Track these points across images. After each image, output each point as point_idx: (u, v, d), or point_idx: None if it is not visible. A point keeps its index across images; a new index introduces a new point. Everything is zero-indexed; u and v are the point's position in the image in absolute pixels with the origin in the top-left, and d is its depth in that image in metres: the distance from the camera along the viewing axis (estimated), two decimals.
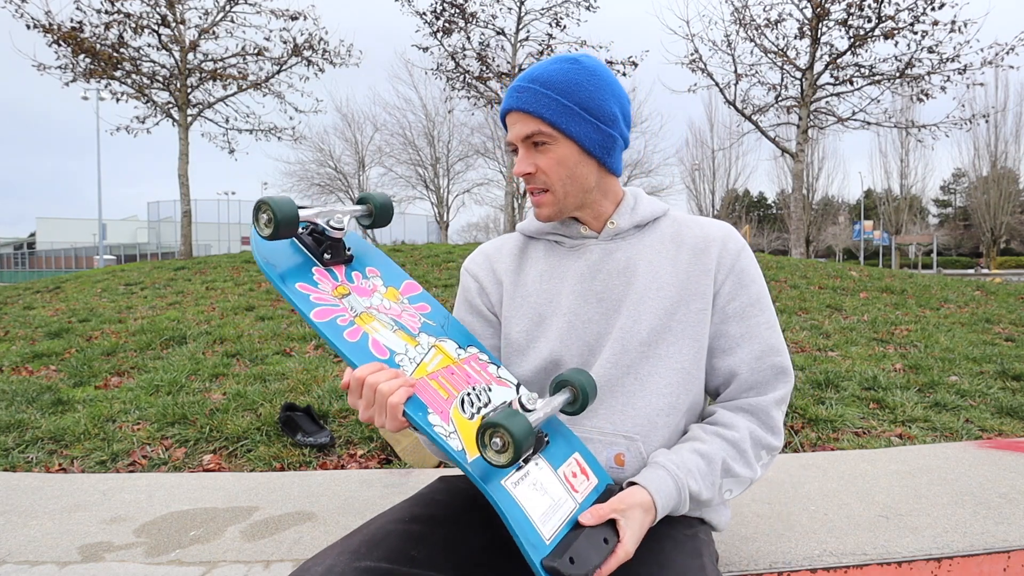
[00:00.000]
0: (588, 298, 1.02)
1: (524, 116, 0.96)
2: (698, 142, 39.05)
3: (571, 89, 0.95)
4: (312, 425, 2.34)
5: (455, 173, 25.59)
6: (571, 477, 0.85)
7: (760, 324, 1.00)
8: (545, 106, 0.94)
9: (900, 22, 10.94)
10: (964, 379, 3.07)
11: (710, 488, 0.91)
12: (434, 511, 0.93)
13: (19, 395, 2.86)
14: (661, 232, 1.06)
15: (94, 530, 1.45)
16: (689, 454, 0.91)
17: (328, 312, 0.82)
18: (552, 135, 0.95)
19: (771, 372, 0.99)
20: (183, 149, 10.83)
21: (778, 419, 0.99)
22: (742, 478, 0.94)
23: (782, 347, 1.01)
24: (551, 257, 1.08)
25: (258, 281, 6.44)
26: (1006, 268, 38.26)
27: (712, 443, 0.94)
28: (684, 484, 0.88)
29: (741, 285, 1.01)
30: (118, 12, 10.02)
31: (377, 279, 0.95)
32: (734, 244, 1.03)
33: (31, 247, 48.20)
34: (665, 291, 1.00)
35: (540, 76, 0.96)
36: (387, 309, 0.90)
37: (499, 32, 12.25)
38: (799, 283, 6.24)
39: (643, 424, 0.96)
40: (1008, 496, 1.53)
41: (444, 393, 0.82)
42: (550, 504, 0.80)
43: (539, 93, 0.95)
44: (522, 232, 1.13)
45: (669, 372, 0.98)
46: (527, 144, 0.97)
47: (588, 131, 0.97)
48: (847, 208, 47.24)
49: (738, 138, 19.84)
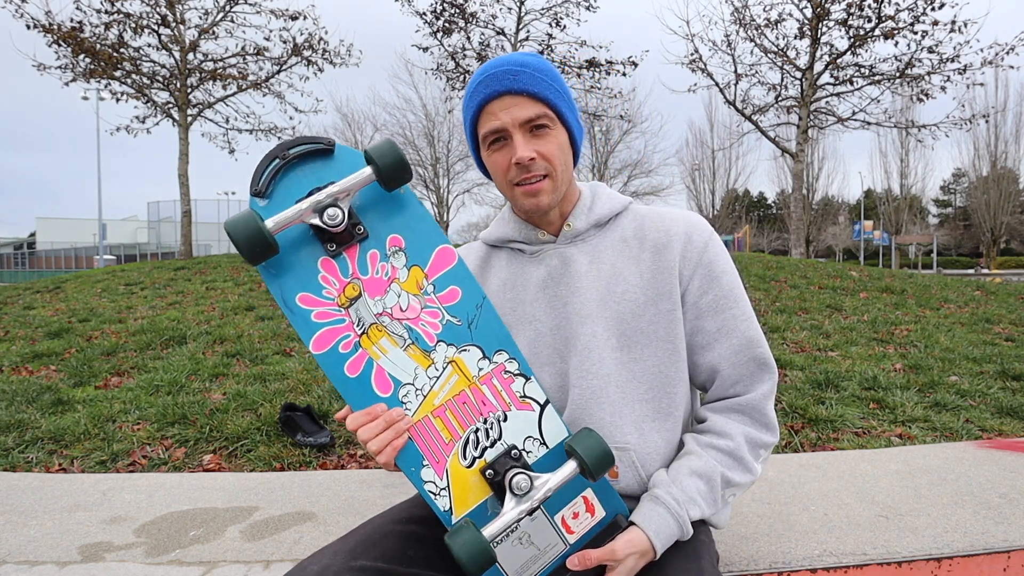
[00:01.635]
0: (554, 304, 0.99)
1: (524, 99, 0.91)
2: (698, 142, 39.05)
3: (558, 78, 0.95)
4: (312, 425, 2.34)
5: (455, 173, 25.59)
6: (570, 519, 0.82)
7: (736, 317, 0.97)
8: (547, 88, 0.92)
9: (900, 22, 10.93)
10: (964, 379, 3.07)
11: (712, 505, 0.91)
12: (431, 513, 0.93)
13: (19, 395, 2.86)
14: (623, 229, 1.02)
15: (94, 530, 1.45)
16: (688, 478, 0.90)
17: (331, 335, 0.73)
18: (553, 119, 0.93)
19: (753, 365, 0.97)
20: (183, 149, 10.82)
21: (770, 413, 0.97)
22: (742, 484, 0.94)
23: (760, 338, 0.98)
24: (512, 265, 1.05)
25: (258, 281, 6.44)
26: (1006, 268, 38.25)
27: (708, 458, 0.92)
28: (685, 519, 0.87)
29: (711, 278, 0.97)
30: (118, 12, 10.01)
31: (400, 255, 0.79)
32: (699, 236, 0.98)
33: (31, 247, 48.18)
34: (630, 294, 0.97)
35: (528, 62, 0.92)
36: (402, 312, 0.77)
37: (499, 32, 12.25)
38: (799, 283, 6.24)
39: (632, 433, 0.94)
40: (1008, 496, 1.53)
41: (447, 435, 0.77)
42: (533, 555, 0.78)
43: (536, 77, 0.91)
44: (485, 241, 1.10)
45: (647, 377, 0.96)
46: (524, 129, 0.92)
47: (575, 120, 0.96)
48: (847, 208, 47.22)
49: (738, 138, 19.85)
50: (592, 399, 0.95)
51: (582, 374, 0.95)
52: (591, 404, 0.95)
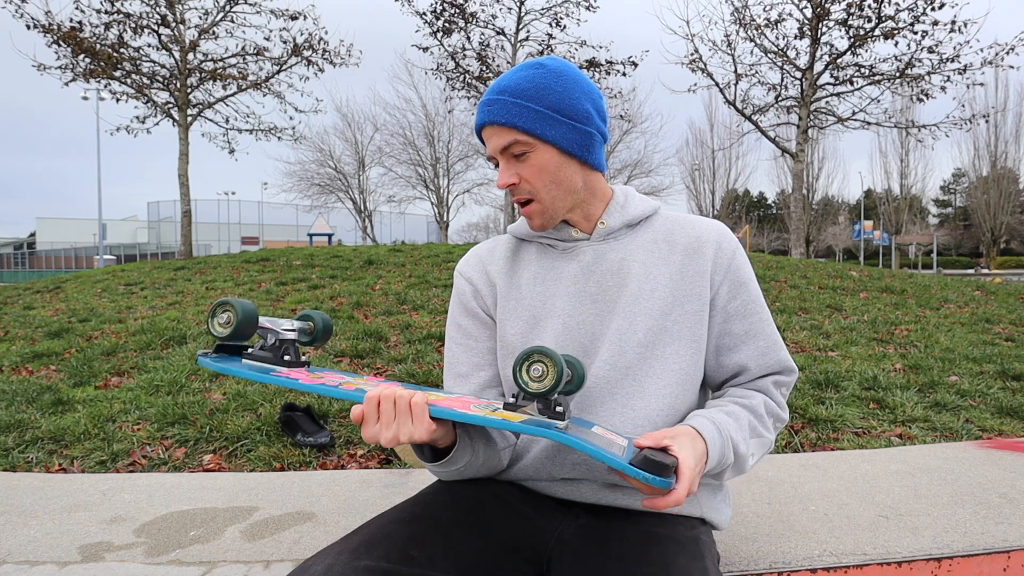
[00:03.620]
0: (583, 300, 1.02)
1: (498, 128, 0.96)
2: (698, 142, 39.11)
3: (540, 94, 0.95)
4: (312, 425, 2.34)
5: (455, 173, 25.60)
6: (606, 434, 0.85)
7: (762, 320, 1.04)
8: (517, 115, 0.94)
9: (900, 22, 10.94)
10: (964, 379, 3.07)
11: (744, 441, 0.93)
12: (435, 512, 0.93)
13: (19, 395, 2.86)
14: (654, 231, 1.06)
15: (94, 530, 1.45)
16: (717, 412, 0.94)
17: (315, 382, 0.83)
18: (529, 143, 0.95)
19: (778, 367, 1.04)
20: (183, 149, 10.82)
21: (783, 400, 1.04)
22: (764, 439, 0.98)
23: (781, 341, 1.06)
24: (544, 259, 1.07)
25: (258, 281, 6.44)
26: (1006, 268, 38.25)
27: (733, 407, 0.97)
28: (725, 430, 0.90)
29: (740, 284, 1.03)
30: (118, 12, 10.00)
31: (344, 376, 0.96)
32: (728, 245, 1.04)
33: (31, 247, 48.19)
34: (659, 292, 1.00)
35: (508, 86, 0.96)
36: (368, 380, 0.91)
37: (499, 32, 12.26)
38: (799, 283, 6.24)
39: (642, 426, 0.96)
40: (1008, 496, 1.53)
41: (458, 405, 0.82)
42: (604, 442, 0.79)
43: (508, 103, 0.95)
44: (513, 235, 1.13)
45: (667, 374, 0.98)
46: (507, 156, 0.97)
47: (564, 132, 0.96)
48: (847, 208, 47.25)
49: (738, 138, 19.86)
50: (606, 389, 0.97)
51: (601, 366, 0.98)
52: (604, 393, 0.97)
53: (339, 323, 4.24)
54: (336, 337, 3.85)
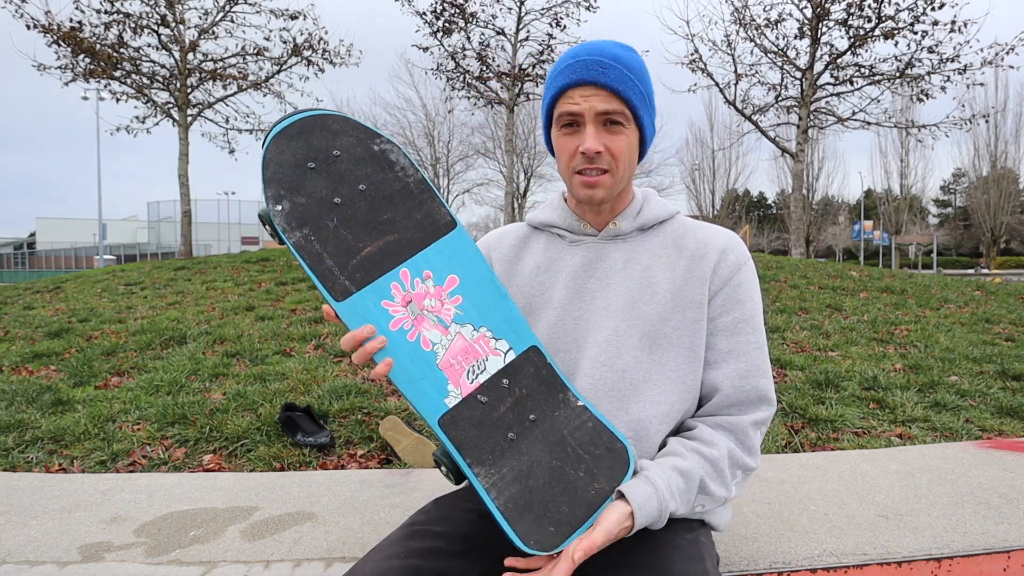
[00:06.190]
0: (581, 295, 1.02)
1: (607, 94, 0.92)
2: (698, 142, 39.12)
3: (645, 78, 0.95)
4: (312, 425, 2.34)
5: (455, 173, 25.60)
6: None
7: (750, 343, 0.98)
8: (630, 88, 0.93)
9: (900, 22, 10.93)
10: (964, 379, 3.07)
11: (686, 505, 0.90)
12: (431, 543, 0.91)
13: (19, 395, 2.86)
14: (664, 236, 1.04)
15: (94, 530, 1.45)
16: (670, 471, 0.89)
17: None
18: (628, 118, 0.94)
19: (754, 394, 0.97)
20: (183, 149, 10.82)
21: (756, 441, 0.98)
22: (716, 497, 0.93)
23: (767, 370, 0.99)
24: (550, 250, 1.07)
25: (258, 281, 6.44)
26: (1006, 268, 38.24)
27: (691, 460, 0.91)
28: (666, 506, 0.86)
29: (736, 300, 0.99)
30: (118, 12, 10.01)
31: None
32: (735, 256, 1.00)
33: (31, 247, 48.19)
34: (659, 296, 0.99)
35: (619, 57, 0.93)
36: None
37: (499, 32, 12.23)
38: (799, 283, 6.24)
39: (635, 429, 0.95)
40: (1008, 496, 1.53)
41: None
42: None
43: (623, 74, 0.92)
44: (529, 223, 1.13)
45: (665, 381, 0.97)
46: (598, 121, 0.93)
47: (649, 124, 0.97)
48: (847, 208, 47.22)
49: (738, 138, 19.85)
50: (602, 389, 0.96)
51: (596, 365, 0.97)
52: (599, 394, 0.96)
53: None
54: (336, 337, 3.84)
